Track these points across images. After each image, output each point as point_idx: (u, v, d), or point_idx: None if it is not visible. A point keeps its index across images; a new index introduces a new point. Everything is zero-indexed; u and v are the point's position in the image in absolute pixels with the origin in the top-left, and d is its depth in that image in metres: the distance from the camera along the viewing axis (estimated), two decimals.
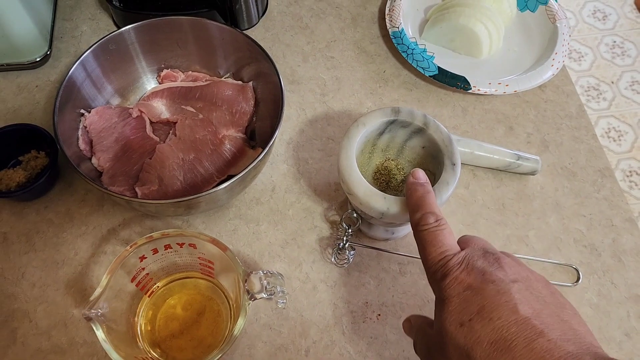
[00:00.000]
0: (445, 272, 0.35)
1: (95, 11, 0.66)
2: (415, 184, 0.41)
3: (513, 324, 0.31)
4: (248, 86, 0.57)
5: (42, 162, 0.54)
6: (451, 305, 0.33)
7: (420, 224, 0.38)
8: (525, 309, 0.31)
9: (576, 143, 0.60)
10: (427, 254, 0.37)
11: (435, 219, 0.38)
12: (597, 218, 0.56)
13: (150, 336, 0.48)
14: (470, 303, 0.33)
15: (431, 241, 0.37)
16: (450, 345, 0.33)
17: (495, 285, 0.33)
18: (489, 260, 0.35)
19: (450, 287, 0.34)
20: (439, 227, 0.37)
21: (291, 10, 0.68)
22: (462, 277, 0.34)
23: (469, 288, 0.33)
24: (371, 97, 0.62)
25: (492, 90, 0.60)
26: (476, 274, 0.34)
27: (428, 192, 0.40)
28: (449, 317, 0.33)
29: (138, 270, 0.45)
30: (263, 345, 0.49)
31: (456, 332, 0.32)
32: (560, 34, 0.64)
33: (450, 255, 0.36)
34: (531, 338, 0.30)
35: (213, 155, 0.54)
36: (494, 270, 0.34)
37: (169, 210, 0.50)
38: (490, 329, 0.31)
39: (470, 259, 0.35)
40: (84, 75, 0.52)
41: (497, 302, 0.32)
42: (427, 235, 0.37)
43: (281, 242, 0.53)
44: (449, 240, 0.37)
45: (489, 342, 0.31)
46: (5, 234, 0.52)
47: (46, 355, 0.48)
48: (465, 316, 0.32)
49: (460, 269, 0.34)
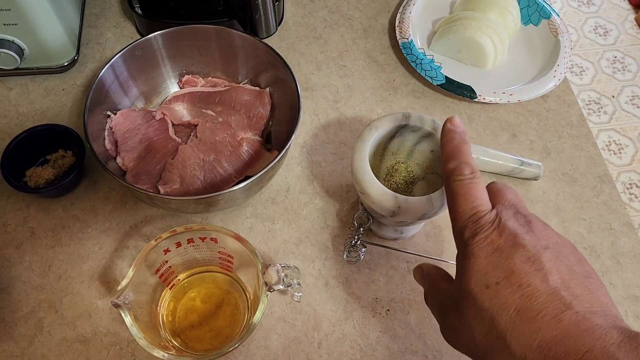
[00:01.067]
0: (476, 230, 0.33)
1: (119, 19, 0.69)
2: (452, 131, 0.39)
3: (542, 294, 0.30)
4: (265, 92, 0.60)
5: (69, 161, 0.57)
6: (478, 264, 0.32)
7: (455, 173, 0.36)
8: (555, 279, 0.31)
9: (576, 150, 0.63)
10: (458, 206, 0.35)
11: (471, 170, 0.36)
12: (597, 222, 0.59)
13: (171, 326, 0.50)
14: (498, 266, 0.32)
15: (464, 194, 0.35)
16: (472, 305, 0.32)
17: (526, 251, 0.32)
18: (520, 221, 0.34)
19: (479, 246, 0.33)
20: (474, 180, 0.36)
21: (306, 21, 0.71)
22: (492, 237, 0.33)
23: (498, 250, 0.32)
24: (381, 104, 0.65)
25: (497, 99, 0.63)
26: (507, 236, 0.33)
27: (465, 142, 0.38)
28: (474, 277, 0.32)
29: (162, 262, 0.48)
30: (278, 337, 0.51)
31: (481, 293, 0.32)
32: (562, 47, 0.67)
33: (482, 212, 0.34)
34: (560, 309, 0.30)
35: (232, 156, 0.57)
36: (526, 233, 0.33)
37: (189, 207, 0.53)
38: (519, 295, 0.30)
39: (502, 218, 0.34)
40: (113, 78, 0.55)
41: (527, 269, 0.31)
42: (461, 186, 0.36)
43: (295, 240, 0.56)
44: (483, 195, 0.35)
45: (516, 309, 0.30)
46: (33, 229, 0.55)
47: (71, 344, 0.50)
48: (492, 279, 0.32)
49: (491, 228, 0.33)
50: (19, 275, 0.53)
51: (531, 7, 0.71)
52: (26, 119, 0.61)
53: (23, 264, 0.53)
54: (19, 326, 0.50)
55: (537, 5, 0.71)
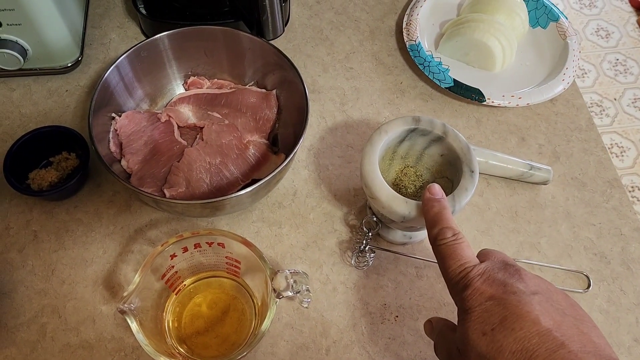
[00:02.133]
0: (467, 283, 0.36)
1: (123, 20, 0.68)
2: (432, 199, 0.42)
3: (535, 335, 0.32)
4: (272, 94, 0.59)
5: (73, 164, 0.56)
6: (474, 315, 0.34)
7: (438, 238, 0.39)
8: (547, 321, 0.32)
9: (586, 155, 0.63)
10: (447, 266, 0.38)
11: (453, 232, 0.39)
12: (607, 227, 0.58)
13: (177, 332, 0.49)
14: (492, 313, 0.34)
15: (450, 254, 0.38)
16: (473, 352, 0.34)
17: (517, 297, 0.34)
18: (510, 271, 0.36)
19: (472, 298, 0.35)
20: (457, 241, 0.38)
21: (312, 23, 0.70)
22: (483, 288, 0.35)
23: (490, 299, 0.34)
24: (389, 107, 0.64)
25: (505, 103, 0.62)
26: (497, 285, 0.35)
27: (444, 208, 0.41)
28: (471, 326, 0.34)
29: (168, 267, 0.47)
30: (285, 344, 0.50)
31: (479, 341, 0.33)
32: (571, 49, 0.66)
33: (470, 267, 0.37)
34: (552, 349, 0.31)
35: (238, 159, 0.56)
36: (515, 281, 0.35)
37: (195, 211, 0.52)
38: (513, 339, 0.32)
39: (491, 271, 0.36)
40: (118, 79, 0.54)
41: (518, 312, 0.33)
42: (446, 249, 0.38)
43: (302, 244, 0.55)
44: (468, 252, 0.38)
45: (510, 351, 0.32)
46: (35, 232, 0.54)
47: (75, 350, 0.49)
48: (488, 326, 0.33)
49: (481, 280, 0.35)
50: (21, 279, 0.52)
51: (539, 10, 0.71)
52: (29, 121, 0.60)
53: (26, 268, 0.52)
54: (22, 331, 0.50)
55: (545, 8, 0.70)
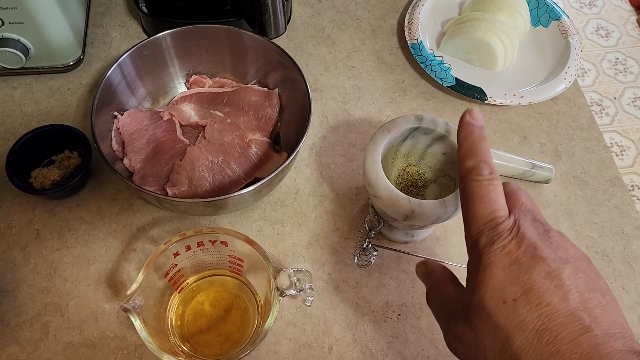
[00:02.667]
0: (493, 238, 0.32)
1: (125, 18, 0.68)
2: (472, 125, 0.36)
3: (562, 314, 0.29)
4: (273, 93, 0.59)
5: (75, 162, 0.56)
6: (494, 277, 0.31)
7: (473, 173, 0.34)
8: (575, 298, 0.29)
9: (587, 153, 0.63)
10: (475, 209, 0.33)
11: (490, 170, 0.34)
12: (609, 226, 0.58)
13: (180, 331, 0.49)
14: (517, 281, 0.30)
15: (482, 196, 0.33)
16: (485, 320, 0.31)
17: (546, 265, 0.30)
18: (539, 230, 0.32)
19: (497, 256, 0.31)
20: (493, 182, 0.33)
21: (313, 21, 0.70)
22: (511, 247, 0.31)
23: (516, 262, 0.31)
24: (390, 106, 0.64)
25: (507, 101, 0.62)
26: (526, 247, 0.31)
27: (484, 139, 0.36)
28: (489, 290, 0.31)
29: (171, 266, 0.47)
30: (288, 342, 0.50)
31: (496, 309, 0.30)
32: (573, 48, 0.66)
33: (501, 218, 0.32)
34: (579, 331, 0.29)
35: (240, 158, 0.56)
36: (545, 245, 0.31)
37: (198, 210, 0.52)
38: (537, 315, 0.29)
39: (521, 226, 0.32)
40: (120, 77, 0.54)
41: (546, 286, 0.30)
42: (479, 187, 0.33)
43: (305, 243, 0.55)
44: (501, 199, 0.33)
45: (534, 329, 0.29)
46: (38, 231, 0.54)
47: (78, 348, 0.49)
48: (509, 294, 0.30)
49: (510, 237, 0.31)
50: (24, 278, 0.52)
51: (541, 9, 0.71)
52: (31, 119, 0.60)
53: (28, 266, 0.52)
54: (25, 330, 0.50)
55: (546, 7, 0.70)
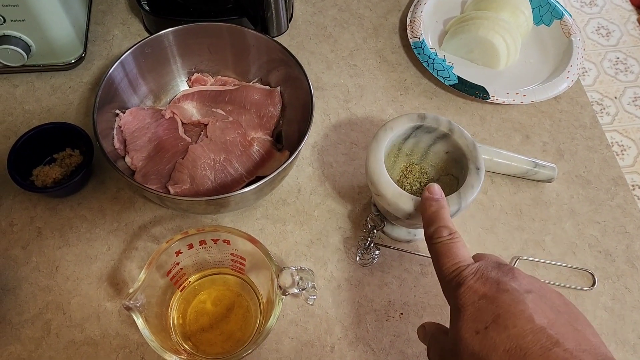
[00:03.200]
0: (460, 281, 0.36)
1: (126, 16, 0.68)
2: (430, 199, 0.43)
3: (529, 333, 0.31)
4: (276, 91, 0.59)
5: (76, 160, 0.56)
6: (466, 313, 0.34)
7: (434, 236, 0.39)
8: (541, 318, 0.32)
9: (590, 152, 0.63)
10: (442, 265, 0.38)
11: (449, 232, 0.39)
12: (611, 225, 0.58)
13: (182, 329, 0.49)
14: (485, 311, 0.33)
15: (445, 253, 0.38)
16: (466, 352, 0.33)
17: (510, 295, 0.33)
18: (503, 270, 0.36)
19: (465, 296, 0.35)
20: (452, 240, 0.39)
21: (315, 20, 0.70)
22: (476, 286, 0.35)
23: (483, 297, 0.34)
24: (392, 105, 0.64)
25: (509, 100, 0.62)
26: (491, 284, 0.35)
27: (442, 208, 0.41)
28: (464, 325, 0.34)
29: (173, 264, 0.47)
30: (290, 341, 0.50)
31: (472, 340, 0.33)
32: (575, 47, 0.66)
33: (464, 266, 0.37)
34: (547, 347, 0.31)
35: (242, 156, 0.56)
36: (508, 280, 0.35)
37: (200, 208, 0.52)
38: (506, 336, 0.32)
39: (484, 269, 0.36)
40: (122, 75, 0.54)
41: (512, 310, 0.33)
42: (441, 247, 0.39)
43: (307, 241, 0.55)
44: (463, 251, 0.38)
45: (504, 349, 0.31)
46: (39, 229, 0.54)
47: (79, 346, 0.49)
48: (481, 324, 0.33)
49: (474, 278, 0.35)
50: (25, 276, 0.52)
51: (543, 7, 0.71)
52: (32, 117, 0.60)
53: (30, 264, 0.52)
54: (26, 328, 0.49)
55: (549, 5, 0.70)
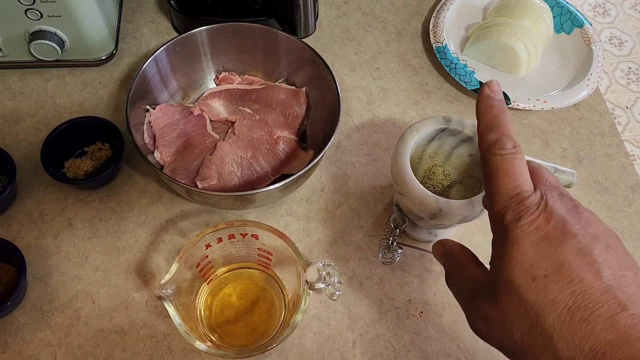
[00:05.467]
0: (520, 213, 0.30)
1: (155, 15, 0.70)
2: (492, 98, 0.35)
3: (596, 291, 0.28)
4: (301, 91, 0.61)
5: (107, 154, 0.57)
6: (523, 253, 0.30)
7: (496, 146, 0.33)
8: (609, 275, 0.28)
9: (608, 159, 0.63)
10: (500, 184, 0.32)
11: (513, 144, 0.33)
12: (629, 231, 0.59)
13: (208, 321, 0.50)
14: (547, 256, 0.29)
15: (507, 170, 0.32)
16: (513, 297, 0.30)
17: (577, 241, 0.29)
18: (568, 206, 0.31)
19: (524, 231, 0.30)
20: (517, 156, 0.32)
21: (339, 23, 0.71)
22: (539, 222, 0.30)
23: (546, 238, 0.30)
24: (414, 108, 0.65)
25: (530, 106, 0.63)
26: (555, 222, 0.30)
27: (505, 111, 0.34)
28: (518, 266, 0.30)
29: (202, 257, 0.48)
30: (312, 336, 0.51)
31: (526, 286, 0.29)
32: (595, 56, 0.67)
33: (527, 192, 0.31)
34: (614, 310, 0.28)
35: (269, 154, 0.57)
36: (575, 220, 0.30)
37: (227, 203, 0.53)
38: (570, 292, 0.28)
39: (549, 201, 0.31)
40: (155, 71, 0.55)
41: (578, 262, 0.29)
42: (503, 162, 0.32)
43: (330, 239, 0.56)
44: (526, 173, 0.32)
45: (566, 306, 0.28)
46: (70, 220, 0.55)
47: (108, 335, 0.50)
48: (540, 270, 0.29)
49: (538, 212, 0.30)
50: (56, 265, 0.53)
51: (564, 16, 0.72)
52: (63, 111, 0.62)
53: (60, 254, 0.54)
54: (56, 316, 0.51)
55: (569, 14, 0.71)
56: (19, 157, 0.58)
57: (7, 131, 0.60)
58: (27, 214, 0.55)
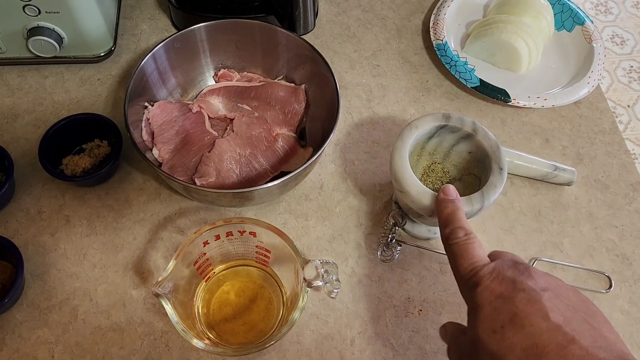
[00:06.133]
0: (477, 281, 0.36)
1: (154, 11, 0.69)
2: (445, 200, 0.43)
3: (545, 331, 0.32)
4: (300, 88, 0.60)
5: (105, 151, 0.57)
6: (483, 313, 0.35)
7: (451, 237, 0.40)
8: (556, 316, 0.32)
9: (609, 157, 0.63)
10: (458, 265, 0.38)
11: (465, 232, 0.40)
12: (629, 229, 0.59)
13: (206, 319, 0.50)
14: (501, 311, 0.34)
15: (461, 253, 0.38)
16: (483, 351, 0.34)
17: (526, 294, 0.34)
18: (519, 269, 0.36)
19: (482, 295, 0.35)
20: (469, 240, 0.39)
21: (339, 20, 0.71)
22: (493, 285, 0.35)
23: (500, 297, 0.34)
24: (414, 105, 0.65)
25: (530, 104, 0.63)
26: (507, 283, 0.35)
27: (457, 209, 0.42)
28: (481, 325, 0.34)
29: (200, 254, 0.48)
30: (310, 334, 0.51)
31: (489, 339, 0.34)
32: (596, 53, 0.67)
33: (480, 266, 0.37)
34: (563, 345, 0.31)
35: (267, 151, 0.57)
36: (525, 279, 0.35)
37: (225, 201, 0.53)
38: (523, 336, 0.32)
39: (500, 269, 0.36)
40: (153, 68, 0.55)
41: (528, 309, 0.33)
42: (457, 247, 0.39)
43: (328, 237, 0.56)
44: (479, 252, 0.38)
45: (521, 348, 0.32)
46: (68, 217, 0.55)
47: (105, 332, 0.50)
48: (497, 323, 0.34)
49: (491, 278, 0.36)
50: (53, 262, 0.53)
51: (565, 13, 0.71)
52: (62, 108, 0.61)
53: (58, 251, 0.53)
54: (54, 313, 0.51)
55: (571, 12, 0.71)
56: (17, 154, 0.57)
57: (5, 128, 0.60)
58: (25, 211, 0.55)
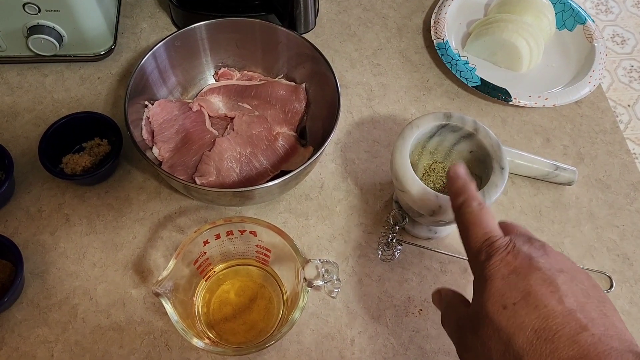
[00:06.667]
0: (491, 253, 0.34)
1: (154, 10, 0.69)
2: (457, 174, 0.40)
3: (559, 315, 0.31)
4: (301, 87, 0.60)
5: (105, 149, 0.57)
6: (494, 286, 0.33)
7: (464, 206, 0.38)
8: (571, 301, 0.32)
9: (610, 157, 0.63)
10: (471, 234, 0.36)
11: (478, 202, 0.37)
12: (630, 229, 0.58)
13: (206, 318, 0.50)
14: (515, 287, 0.33)
15: (475, 222, 0.36)
16: (489, 326, 0.33)
17: (542, 273, 0.33)
18: (535, 246, 0.35)
19: (495, 268, 0.34)
20: (482, 210, 0.37)
21: (340, 19, 0.71)
22: (508, 259, 0.34)
23: (514, 272, 0.33)
24: (415, 104, 0.65)
25: (531, 103, 0.63)
26: (522, 259, 0.34)
27: (469, 182, 0.40)
28: (491, 298, 0.33)
29: (200, 254, 0.48)
30: (310, 333, 0.51)
31: (498, 314, 0.32)
32: (598, 52, 0.67)
33: (495, 237, 0.35)
34: (576, 331, 0.30)
35: (268, 150, 0.57)
36: (540, 256, 0.34)
37: (225, 200, 0.53)
38: (535, 316, 0.31)
39: (516, 243, 0.35)
40: (154, 66, 0.55)
41: (543, 290, 0.32)
42: (471, 216, 0.37)
43: (329, 236, 0.56)
44: (493, 222, 0.36)
45: (533, 329, 0.31)
46: (67, 216, 0.55)
47: (105, 331, 0.50)
48: (509, 299, 0.32)
49: (506, 251, 0.34)
50: (53, 261, 0.53)
51: (566, 12, 0.71)
52: (62, 106, 0.61)
53: (57, 250, 0.53)
54: (53, 312, 0.51)
55: (572, 11, 0.71)
56: (17, 153, 0.57)
57: (5, 126, 0.60)
58: (25, 209, 0.55)
